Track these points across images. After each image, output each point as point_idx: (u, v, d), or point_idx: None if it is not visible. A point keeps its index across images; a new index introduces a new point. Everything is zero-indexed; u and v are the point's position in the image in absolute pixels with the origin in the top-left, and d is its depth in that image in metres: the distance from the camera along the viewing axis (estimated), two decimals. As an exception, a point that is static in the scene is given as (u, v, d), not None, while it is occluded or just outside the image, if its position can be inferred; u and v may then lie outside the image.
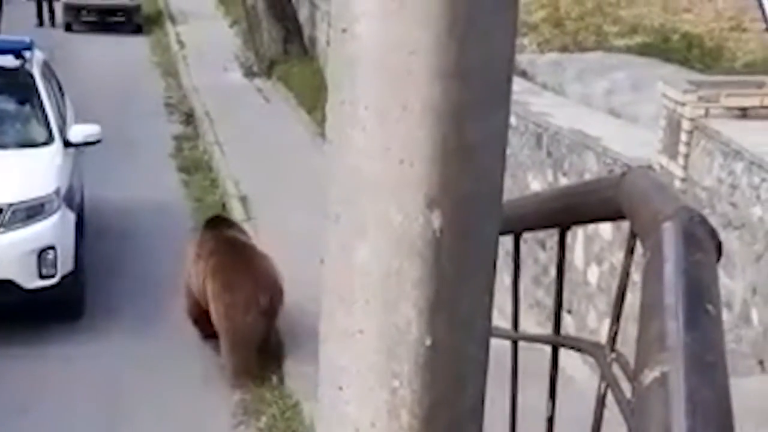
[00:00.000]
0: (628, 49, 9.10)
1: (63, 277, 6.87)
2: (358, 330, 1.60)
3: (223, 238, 6.51)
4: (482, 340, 1.66)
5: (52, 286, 6.81)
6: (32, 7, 19.32)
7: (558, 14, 10.60)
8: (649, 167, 5.26)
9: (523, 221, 2.20)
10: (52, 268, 6.80)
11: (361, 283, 1.59)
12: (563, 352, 2.10)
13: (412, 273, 1.55)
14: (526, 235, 3.05)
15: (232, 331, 6.13)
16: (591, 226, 5.69)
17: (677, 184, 5.25)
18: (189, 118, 13.00)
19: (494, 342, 1.75)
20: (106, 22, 19.20)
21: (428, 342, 1.56)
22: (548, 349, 2.14)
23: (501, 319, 2.42)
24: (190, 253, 6.58)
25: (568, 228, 2.04)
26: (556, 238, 2.04)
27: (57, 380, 6.36)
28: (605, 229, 5.68)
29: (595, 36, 9.79)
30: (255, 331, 6.12)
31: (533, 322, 6.24)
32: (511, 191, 6.93)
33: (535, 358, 2.60)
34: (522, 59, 8.68)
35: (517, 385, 2.30)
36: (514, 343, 2.29)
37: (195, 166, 10.94)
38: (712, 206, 5.01)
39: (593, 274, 5.96)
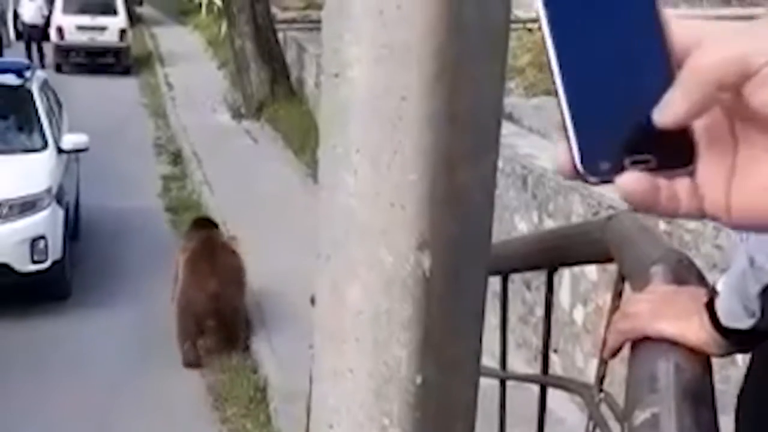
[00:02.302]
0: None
1: (52, 264, 8.03)
2: (348, 369, 1.62)
3: (200, 236, 7.54)
4: (471, 380, 1.68)
5: (43, 271, 7.97)
6: (21, 48, 19.41)
7: (543, 58, 10.71)
8: (634, 210, 5.30)
9: (511, 262, 2.23)
10: (43, 254, 7.96)
11: (351, 323, 1.61)
12: (553, 393, 2.13)
13: (402, 313, 1.57)
14: (513, 276, 3.07)
15: (182, 307, 7.13)
16: (577, 267, 5.73)
17: (662, 226, 5.30)
18: (177, 158, 13.04)
19: (482, 381, 1.77)
20: (96, 64, 19.30)
21: (418, 381, 1.58)
22: (537, 388, 2.16)
23: (489, 359, 2.44)
24: (177, 252, 7.61)
25: (555, 270, 2.07)
26: (542, 278, 2.06)
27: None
28: (591, 270, 5.71)
29: (581, 80, 9.89)
30: (202, 309, 7.07)
31: (521, 362, 6.25)
32: (498, 233, 6.96)
33: (524, 397, 2.62)
34: (508, 103, 8.77)
35: (506, 425, 2.32)
36: (502, 383, 2.31)
37: (183, 206, 10.96)
38: (697, 248, 5.06)
39: (579, 315, 5.99)
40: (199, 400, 6.64)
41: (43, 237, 7.96)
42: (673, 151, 0.57)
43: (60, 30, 19.59)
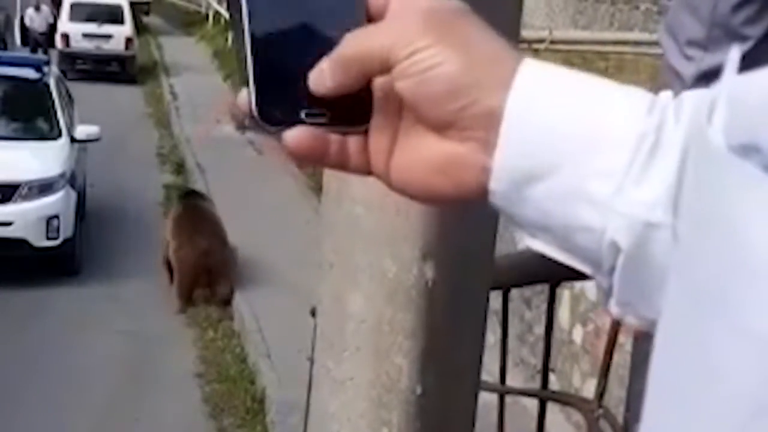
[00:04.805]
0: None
1: (64, 241, 8.96)
2: (348, 377, 1.62)
3: (188, 204, 8.91)
4: (472, 391, 1.68)
5: (56, 247, 8.90)
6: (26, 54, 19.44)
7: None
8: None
9: (513, 277, 2.23)
10: (56, 232, 8.88)
11: (353, 331, 1.61)
12: (550, 412, 2.12)
13: (404, 322, 1.57)
14: (512, 294, 3.09)
15: (178, 264, 8.34)
16: (577, 287, 5.72)
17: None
18: (180, 168, 13.05)
19: (481, 397, 1.77)
20: (101, 71, 19.34)
21: (418, 391, 1.58)
22: (533, 406, 2.16)
23: (487, 376, 2.43)
24: (168, 219, 8.91)
25: (558, 284, 2.07)
26: (542, 297, 2.07)
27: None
28: (591, 289, 5.71)
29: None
30: (196, 264, 8.25)
31: (519, 381, 6.25)
32: (498, 250, 6.96)
33: (520, 414, 2.62)
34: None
35: (503, 440, 2.31)
36: (501, 397, 2.31)
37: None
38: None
39: (578, 335, 5.99)
40: (195, 410, 6.63)
41: (57, 216, 8.88)
42: (349, 110, 0.57)
43: (65, 37, 19.64)
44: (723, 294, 0.38)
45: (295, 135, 0.57)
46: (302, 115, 0.57)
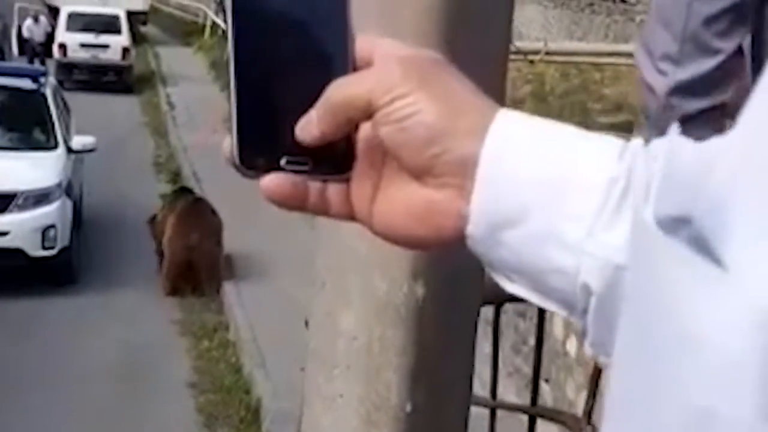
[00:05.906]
0: (612, 127, 9.25)
1: (60, 250, 9.01)
2: (339, 394, 1.63)
3: (186, 198, 9.41)
4: (462, 408, 1.70)
5: (52, 257, 8.94)
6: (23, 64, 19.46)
7: (543, 90, 10.79)
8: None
9: (505, 292, 2.24)
10: (52, 242, 8.92)
11: (344, 349, 1.62)
12: (542, 424, 2.13)
13: (394, 340, 1.59)
14: (506, 306, 3.10)
15: (169, 256, 8.81)
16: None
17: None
18: (176, 177, 13.06)
19: (472, 410, 1.79)
20: (98, 81, 19.35)
21: (408, 408, 1.60)
22: (526, 418, 2.17)
23: (479, 387, 2.45)
24: (161, 214, 9.23)
25: (548, 300, 2.08)
26: (536, 308, 2.08)
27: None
28: (585, 302, 5.73)
29: (580, 113, 9.96)
30: (182, 256, 8.73)
31: (512, 390, 6.26)
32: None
33: (513, 427, 2.63)
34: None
35: (494, 455, 2.33)
36: (492, 412, 2.32)
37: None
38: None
39: (572, 346, 6.00)
40: (190, 420, 6.63)
41: (53, 226, 8.91)
42: (332, 158, 0.58)
43: (63, 47, 19.67)
44: (665, 364, 0.39)
45: (274, 182, 0.57)
46: (283, 162, 0.57)
